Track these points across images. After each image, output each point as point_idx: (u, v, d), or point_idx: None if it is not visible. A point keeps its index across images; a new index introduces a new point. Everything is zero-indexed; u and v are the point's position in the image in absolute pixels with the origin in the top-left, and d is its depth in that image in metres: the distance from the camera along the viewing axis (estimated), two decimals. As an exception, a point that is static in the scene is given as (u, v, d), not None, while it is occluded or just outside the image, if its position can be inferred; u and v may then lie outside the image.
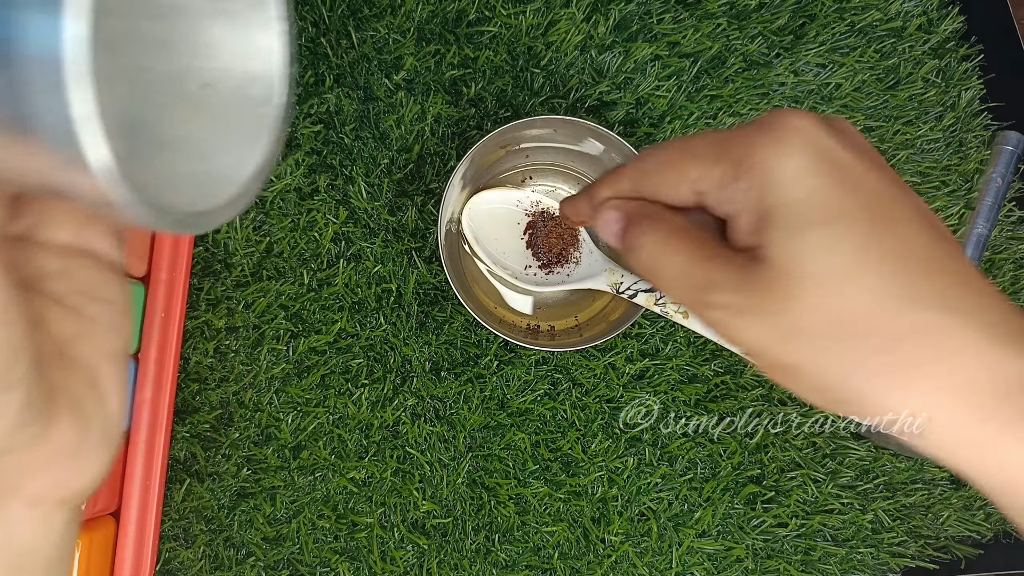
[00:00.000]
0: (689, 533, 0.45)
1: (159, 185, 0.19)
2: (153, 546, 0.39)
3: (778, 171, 0.22)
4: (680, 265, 0.25)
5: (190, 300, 0.44)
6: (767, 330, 0.22)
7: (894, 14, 0.51)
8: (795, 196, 0.21)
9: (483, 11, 0.47)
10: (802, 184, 0.21)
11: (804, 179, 0.21)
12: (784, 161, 0.22)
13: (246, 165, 0.22)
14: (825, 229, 0.21)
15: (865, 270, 0.21)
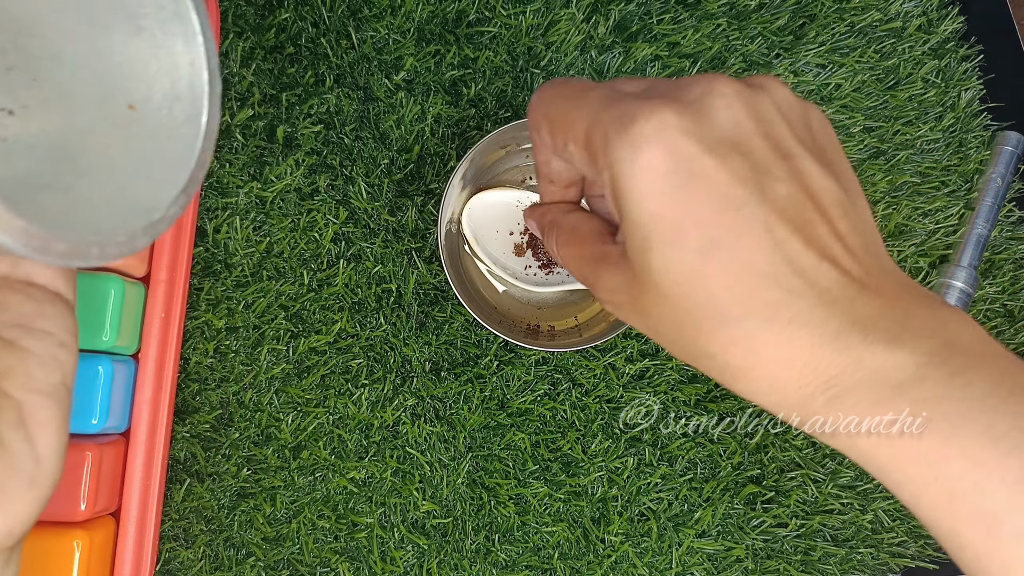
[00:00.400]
0: (689, 533, 0.45)
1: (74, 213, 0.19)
2: (153, 546, 0.39)
3: (627, 186, 0.22)
4: (576, 266, 0.27)
5: (190, 300, 0.44)
6: (642, 320, 0.24)
7: (894, 14, 0.51)
8: (639, 215, 0.22)
9: (483, 11, 0.47)
10: (648, 204, 0.22)
11: (649, 200, 0.22)
12: (632, 177, 0.22)
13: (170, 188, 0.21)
14: (666, 250, 0.22)
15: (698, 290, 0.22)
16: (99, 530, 0.37)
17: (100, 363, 0.36)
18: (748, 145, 0.22)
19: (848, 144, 0.49)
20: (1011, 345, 0.49)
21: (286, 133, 0.46)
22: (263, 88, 0.46)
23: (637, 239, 0.22)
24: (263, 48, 0.46)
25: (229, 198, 0.45)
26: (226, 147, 0.45)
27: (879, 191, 0.49)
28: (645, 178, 0.21)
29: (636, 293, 0.23)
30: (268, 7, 0.46)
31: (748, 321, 0.21)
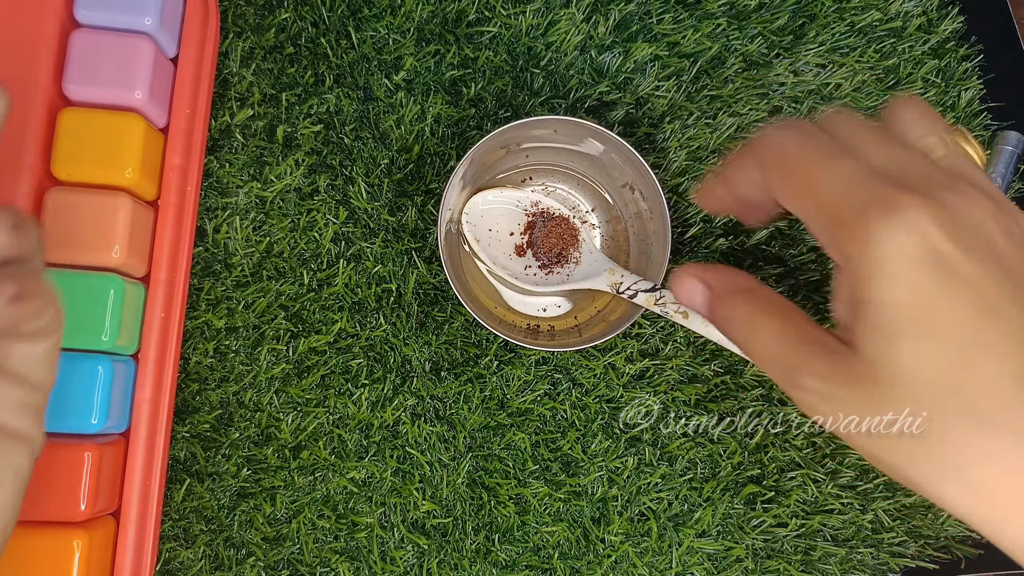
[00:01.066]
0: (689, 533, 0.45)
1: None
2: (153, 546, 0.39)
3: (879, 267, 0.21)
4: (771, 344, 0.24)
5: (190, 300, 0.44)
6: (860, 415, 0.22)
7: (894, 14, 0.51)
8: (891, 300, 0.21)
9: (483, 11, 0.47)
10: (901, 291, 0.20)
11: (903, 286, 0.20)
12: (890, 260, 0.20)
13: None
14: (920, 342, 0.20)
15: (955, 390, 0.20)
16: (99, 530, 0.37)
17: (100, 363, 0.36)
18: (999, 249, 0.21)
19: (848, 144, 0.49)
20: (1011, 345, 0.49)
21: (286, 133, 0.46)
22: (263, 88, 0.46)
23: (882, 325, 0.21)
24: (263, 48, 0.46)
25: (229, 198, 0.45)
26: (226, 147, 0.45)
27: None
28: (905, 266, 0.20)
29: (860, 386, 0.21)
30: (268, 7, 0.46)
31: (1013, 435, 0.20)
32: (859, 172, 0.22)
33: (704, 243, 0.48)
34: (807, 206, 0.23)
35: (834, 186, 0.22)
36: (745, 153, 0.26)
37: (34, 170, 0.37)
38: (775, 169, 0.24)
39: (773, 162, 0.24)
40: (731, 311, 0.26)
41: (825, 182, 0.22)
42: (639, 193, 0.45)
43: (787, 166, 0.24)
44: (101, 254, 0.37)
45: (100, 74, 0.38)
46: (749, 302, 0.26)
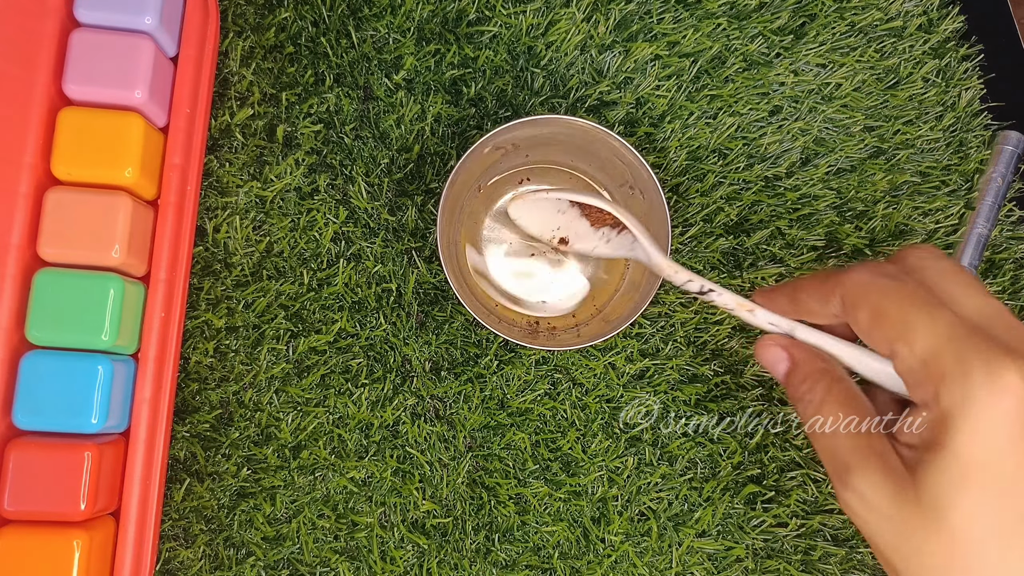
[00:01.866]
0: (689, 533, 0.45)
1: None
2: (153, 546, 0.39)
3: (972, 421, 0.22)
4: (835, 437, 0.26)
5: (190, 300, 0.44)
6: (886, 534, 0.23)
7: (894, 14, 0.51)
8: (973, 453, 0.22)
9: (483, 11, 0.47)
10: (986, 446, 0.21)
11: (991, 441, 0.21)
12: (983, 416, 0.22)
13: None
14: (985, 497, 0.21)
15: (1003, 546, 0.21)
16: (99, 530, 0.36)
17: (100, 363, 0.36)
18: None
19: (848, 144, 0.49)
20: (1011, 345, 0.49)
21: (286, 132, 0.46)
22: (263, 87, 0.46)
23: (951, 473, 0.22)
24: (263, 47, 0.46)
25: (229, 197, 0.45)
26: (226, 147, 0.45)
27: (879, 191, 0.49)
28: (995, 423, 0.21)
29: (905, 516, 0.23)
30: (268, 6, 0.46)
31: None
32: (957, 327, 0.23)
33: (704, 243, 0.48)
34: (901, 349, 0.24)
35: (933, 337, 0.23)
36: (825, 285, 0.27)
37: (34, 170, 0.37)
38: (865, 310, 0.25)
39: (863, 303, 0.26)
40: (808, 392, 0.28)
41: (924, 331, 0.23)
42: (639, 193, 0.45)
43: (880, 310, 0.25)
44: (101, 254, 0.37)
45: (100, 74, 0.38)
46: (827, 389, 0.27)
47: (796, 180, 0.49)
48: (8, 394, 0.36)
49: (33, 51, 0.37)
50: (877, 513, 0.24)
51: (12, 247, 0.36)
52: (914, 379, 0.24)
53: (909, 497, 0.23)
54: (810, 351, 0.29)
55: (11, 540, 0.35)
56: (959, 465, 0.22)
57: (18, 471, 0.35)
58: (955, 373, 0.22)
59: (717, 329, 0.47)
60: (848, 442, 0.25)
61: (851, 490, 0.25)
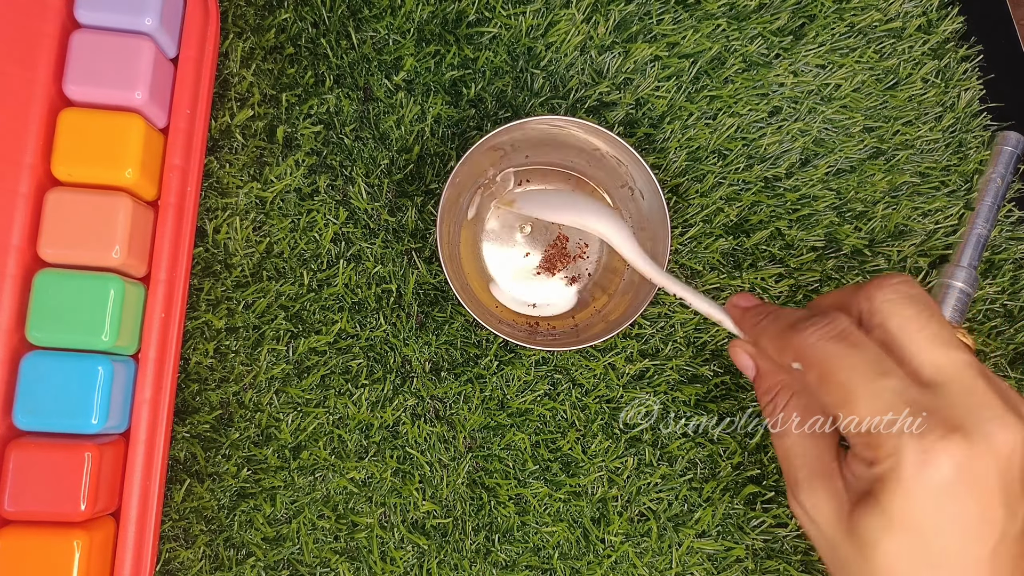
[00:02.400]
0: (689, 533, 0.45)
1: None
2: (153, 546, 0.39)
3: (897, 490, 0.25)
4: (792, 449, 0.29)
5: (190, 300, 0.44)
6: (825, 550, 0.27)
7: (894, 14, 0.51)
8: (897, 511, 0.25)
9: (483, 12, 0.47)
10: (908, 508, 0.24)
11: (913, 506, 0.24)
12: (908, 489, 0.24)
13: None
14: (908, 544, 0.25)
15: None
16: (99, 530, 0.37)
17: (100, 363, 0.37)
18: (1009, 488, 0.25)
19: (848, 144, 0.49)
20: (1011, 345, 0.49)
21: (286, 133, 0.46)
22: (263, 88, 0.46)
23: (880, 522, 0.25)
24: (263, 48, 0.46)
25: (229, 198, 0.45)
26: (226, 147, 0.45)
27: (879, 191, 0.49)
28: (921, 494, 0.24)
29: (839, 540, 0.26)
30: (268, 7, 0.46)
31: None
32: (899, 400, 0.25)
33: (704, 243, 0.48)
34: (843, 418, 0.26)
35: (872, 411, 0.25)
36: (781, 339, 0.29)
37: (34, 170, 0.37)
38: (814, 372, 0.27)
39: (812, 365, 0.27)
40: (769, 402, 0.31)
41: (865, 405, 0.25)
42: (639, 193, 0.45)
43: (826, 375, 0.27)
44: (101, 254, 0.37)
45: (100, 74, 0.38)
46: (787, 401, 0.30)
47: (796, 181, 0.49)
48: (8, 394, 0.36)
49: (33, 52, 0.37)
50: (817, 529, 0.27)
51: (12, 248, 0.36)
52: (854, 441, 0.27)
53: (844, 527, 0.26)
54: (773, 364, 0.32)
55: (11, 540, 0.35)
56: (887, 519, 0.25)
57: (18, 471, 0.35)
58: (889, 450, 0.25)
59: (717, 330, 0.47)
60: (801, 457, 0.29)
61: (798, 503, 0.28)
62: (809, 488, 0.28)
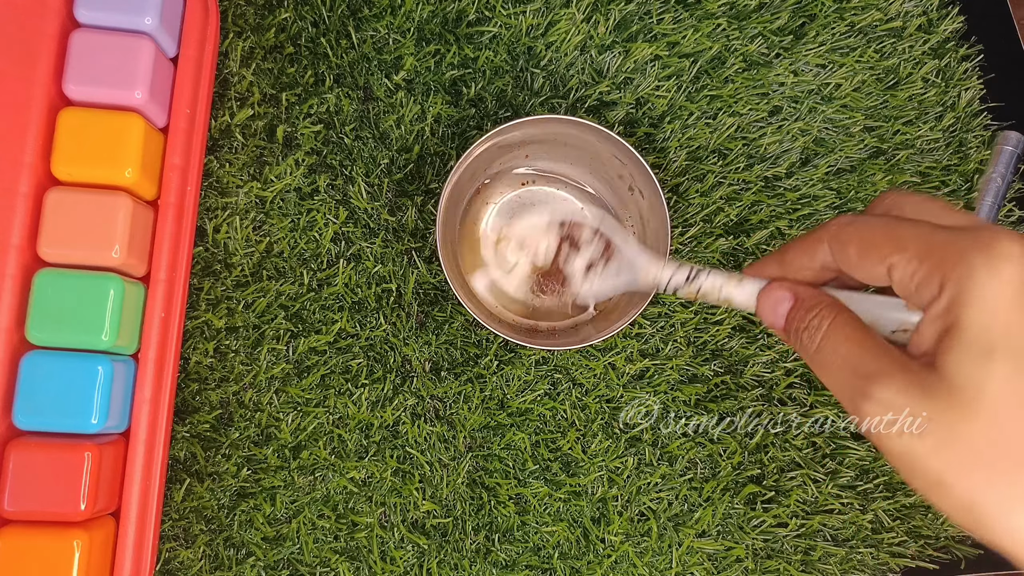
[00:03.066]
0: (689, 533, 0.45)
1: None
2: (153, 546, 0.39)
3: (979, 292, 0.22)
4: (851, 352, 0.26)
5: (190, 300, 0.44)
6: (924, 440, 0.23)
7: (894, 14, 0.51)
8: (988, 321, 0.22)
9: (483, 11, 0.47)
10: (999, 312, 0.22)
11: (1002, 308, 0.22)
12: (988, 285, 0.22)
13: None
14: (1013, 361, 0.22)
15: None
16: (99, 530, 0.36)
17: (100, 363, 0.36)
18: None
19: (848, 144, 0.49)
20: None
21: (286, 133, 0.46)
22: (263, 88, 0.46)
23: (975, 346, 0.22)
24: (263, 48, 0.46)
25: (229, 198, 0.45)
26: (226, 147, 0.45)
27: (879, 191, 0.49)
28: (1005, 291, 0.22)
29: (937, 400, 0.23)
30: (268, 7, 0.46)
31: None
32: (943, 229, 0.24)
33: (704, 243, 0.48)
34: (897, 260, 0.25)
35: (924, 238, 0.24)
36: (810, 237, 0.28)
37: (34, 170, 0.37)
38: (854, 243, 0.26)
39: (851, 239, 0.26)
40: (816, 318, 0.28)
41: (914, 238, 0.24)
42: (639, 193, 0.45)
43: (868, 238, 0.26)
44: (101, 254, 0.37)
45: (100, 74, 0.38)
46: (836, 312, 0.27)
47: (796, 180, 0.49)
48: (8, 394, 0.36)
49: (33, 51, 0.37)
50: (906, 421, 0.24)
51: (12, 247, 0.36)
52: (914, 282, 0.25)
53: (938, 389, 0.23)
54: (813, 288, 0.29)
55: (11, 540, 0.35)
56: (980, 337, 0.22)
57: (18, 471, 0.35)
58: (952, 257, 0.23)
59: (717, 329, 0.47)
60: (862, 352, 0.25)
61: (875, 401, 0.24)
62: (886, 376, 0.24)
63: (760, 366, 0.47)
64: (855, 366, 0.25)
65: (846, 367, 0.26)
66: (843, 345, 0.26)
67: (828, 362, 0.26)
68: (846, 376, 0.26)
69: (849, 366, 0.26)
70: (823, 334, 0.27)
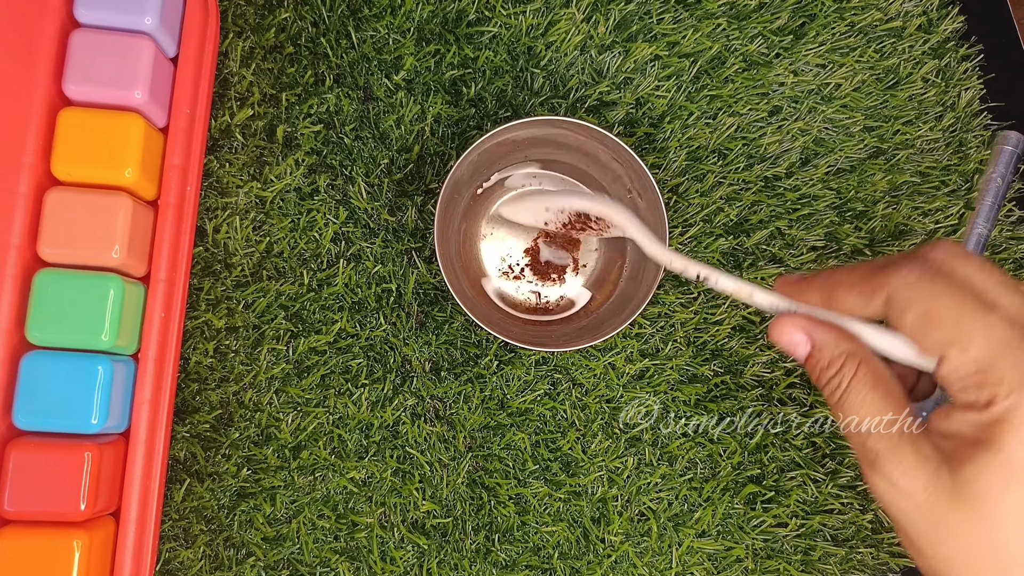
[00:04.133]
0: (689, 533, 0.45)
1: None
2: (153, 546, 0.39)
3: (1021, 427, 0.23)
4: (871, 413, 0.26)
5: (190, 300, 0.44)
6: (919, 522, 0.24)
7: (894, 14, 0.51)
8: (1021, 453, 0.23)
9: (483, 11, 0.47)
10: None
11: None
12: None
13: None
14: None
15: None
16: (99, 530, 0.36)
17: (100, 363, 0.36)
18: None
19: (848, 144, 0.49)
20: (1011, 345, 0.49)
21: (286, 133, 0.46)
22: (263, 88, 0.46)
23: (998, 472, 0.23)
24: (263, 48, 0.46)
25: (229, 198, 0.45)
26: (226, 147, 0.45)
27: (879, 191, 0.49)
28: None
29: (940, 505, 0.23)
30: (268, 7, 0.46)
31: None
32: (1012, 333, 0.24)
33: (704, 243, 0.48)
34: (954, 354, 0.25)
35: (989, 342, 0.24)
36: (869, 283, 0.27)
37: (34, 170, 0.37)
38: (915, 311, 0.25)
39: (914, 304, 0.25)
40: (834, 376, 0.27)
41: (980, 337, 0.24)
42: (636, 194, 0.45)
43: (932, 313, 0.25)
44: (101, 254, 0.37)
45: (100, 74, 0.38)
46: (853, 373, 0.27)
47: (796, 180, 0.49)
48: (8, 394, 0.36)
49: (33, 51, 0.37)
50: (908, 500, 0.24)
51: (12, 247, 0.36)
52: (965, 383, 0.24)
53: (944, 486, 0.23)
54: (832, 330, 0.28)
55: (11, 540, 0.35)
56: (1008, 466, 0.23)
57: (18, 471, 0.35)
58: (1013, 380, 0.23)
59: (717, 329, 0.47)
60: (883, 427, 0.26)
61: (881, 476, 0.25)
62: (895, 455, 0.24)
63: (760, 366, 0.47)
64: (868, 438, 0.25)
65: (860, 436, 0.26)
66: (863, 408, 0.26)
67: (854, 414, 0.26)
68: (859, 444, 0.26)
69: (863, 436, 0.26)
70: (844, 390, 0.27)
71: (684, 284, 0.47)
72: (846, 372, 0.27)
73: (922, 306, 0.25)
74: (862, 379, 0.26)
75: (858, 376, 0.26)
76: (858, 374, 0.26)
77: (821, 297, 0.29)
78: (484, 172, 0.46)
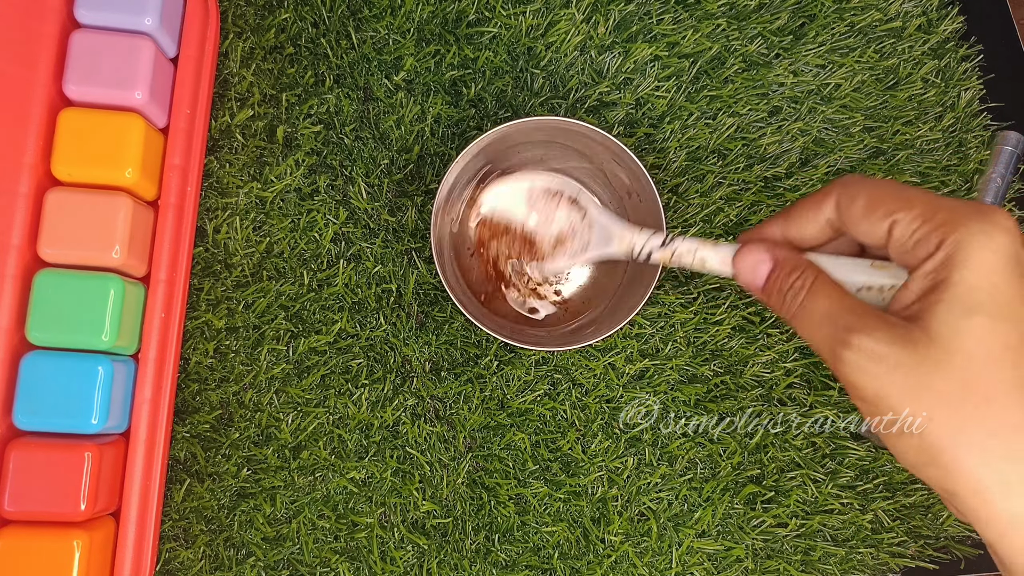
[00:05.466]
0: (689, 533, 0.45)
1: None
2: (153, 546, 0.39)
3: (972, 255, 0.24)
4: (832, 307, 0.28)
5: (190, 300, 0.44)
6: (897, 381, 0.25)
7: (894, 14, 0.51)
8: (976, 282, 0.24)
9: (483, 11, 0.47)
10: (987, 275, 0.24)
11: (992, 272, 0.24)
12: (982, 250, 0.24)
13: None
14: (992, 320, 0.24)
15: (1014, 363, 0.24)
16: (99, 530, 0.37)
17: (100, 363, 0.37)
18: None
19: (848, 144, 0.49)
20: (1011, 345, 0.49)
21: (286, 133, 0.46)
22: (263, 88, 0.46)
23: (960, 300, 0.24)
24: (263, 48, 0.46)
25: (229, 198, 0.45)
26: (226, 147, 0.45)
27: (879, 191, 0.49)
28: (996, 258, 0.24)
29: (916, 354, 0.24)
30: (268, 7, 0.46)
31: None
32: (948, 198, 0.26)
33: (704, 243, 0.48)
34: (901, 216, 0.27)
35: (932, 202, 0.26)
36: (818, 194, 0.30)
37: (34, 170, 0.37)
38: (862, 198, 0.28)
39: (860, 193, 0.28)
40: (799, 280, 0.29)
41: (920, 199, 0.26)
42: (636, 196, 0.45)
43: (877, 194, 0.28)
44: (101, 254, 0.37)
45: (100, 74, 0.38)
46: (816, 273, 0.29)
47: (796, 180, 0.49)
48: (8, 394, 0.36)
49: (33, 52, 0.37)
50: (885, 363, 0.25)
51: (12, 247, 0.36)
52: (913, 239, 0.26)
53: (917, 337, 0.25)
54: (792, 249, 0.31)
55: (11, 540, 0.35)
56: (967, 295, 0.24)
57: (18, 471, 0.35)
58: (954, 219, 0.25)
59: (717, 329, 0.47)
60: (843, 305, 0.27)
61: (855, 349, 0.26)
62: (866, 327, 0.26)
63: (760, 366, 0.47)
64: (836, 319, 0.27)
65: (828, 321, 0.27)
66: (825, 302, 0.28)
67: (811, 318, 0.28)
68: (828, 329, 0.27)
69: (831, 320, 0.27)
70: (805, 293, 0.29)
71: (684, 284, 0.47)
72: (808, 275, 0.29)
73: (867, 193, 0.28)
74: (824, 279, 0.29)
75: (821, 278, 0.29)
76: (820, 276, 0.29)
77: (781, 222, 0.31)
78: (482, 173, 0.46)
